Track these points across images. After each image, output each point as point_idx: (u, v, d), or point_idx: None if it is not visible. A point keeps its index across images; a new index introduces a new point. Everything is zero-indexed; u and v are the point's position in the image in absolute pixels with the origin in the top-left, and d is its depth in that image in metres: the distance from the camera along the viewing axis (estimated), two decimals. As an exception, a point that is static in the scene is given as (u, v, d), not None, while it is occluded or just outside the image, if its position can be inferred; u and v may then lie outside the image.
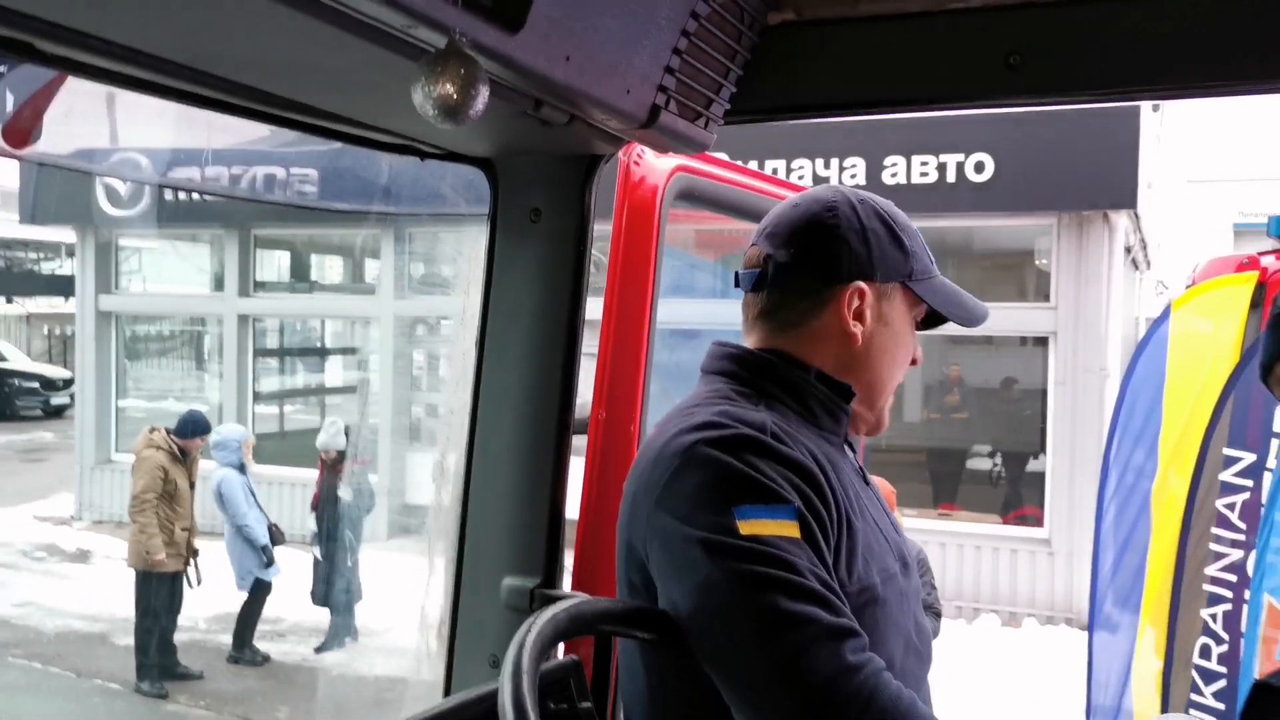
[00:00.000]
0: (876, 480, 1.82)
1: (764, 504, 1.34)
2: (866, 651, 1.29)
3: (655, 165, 2.05)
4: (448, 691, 1.91)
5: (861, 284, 1.54)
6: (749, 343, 1.61)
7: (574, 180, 1.83)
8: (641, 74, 1.49)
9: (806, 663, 1.25)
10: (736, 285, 1.64)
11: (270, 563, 8.86)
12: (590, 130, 1.58)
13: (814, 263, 1.55)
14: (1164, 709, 4.35)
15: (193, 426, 8.79)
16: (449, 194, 1.94)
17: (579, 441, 1.94)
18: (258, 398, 14.75)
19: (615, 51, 1.42)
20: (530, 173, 1.86)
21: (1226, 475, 4.25)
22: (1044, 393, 10.44)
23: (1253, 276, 4.38)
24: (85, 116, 1.53)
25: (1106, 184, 9.79)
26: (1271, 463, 4.08)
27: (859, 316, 1.55)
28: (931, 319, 1.67)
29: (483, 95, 1.07)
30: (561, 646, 1.65)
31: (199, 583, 8.67)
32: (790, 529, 1.34)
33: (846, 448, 1.61)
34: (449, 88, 1.05)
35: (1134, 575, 4.59)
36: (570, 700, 1.57)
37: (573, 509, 1.95)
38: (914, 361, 1.66)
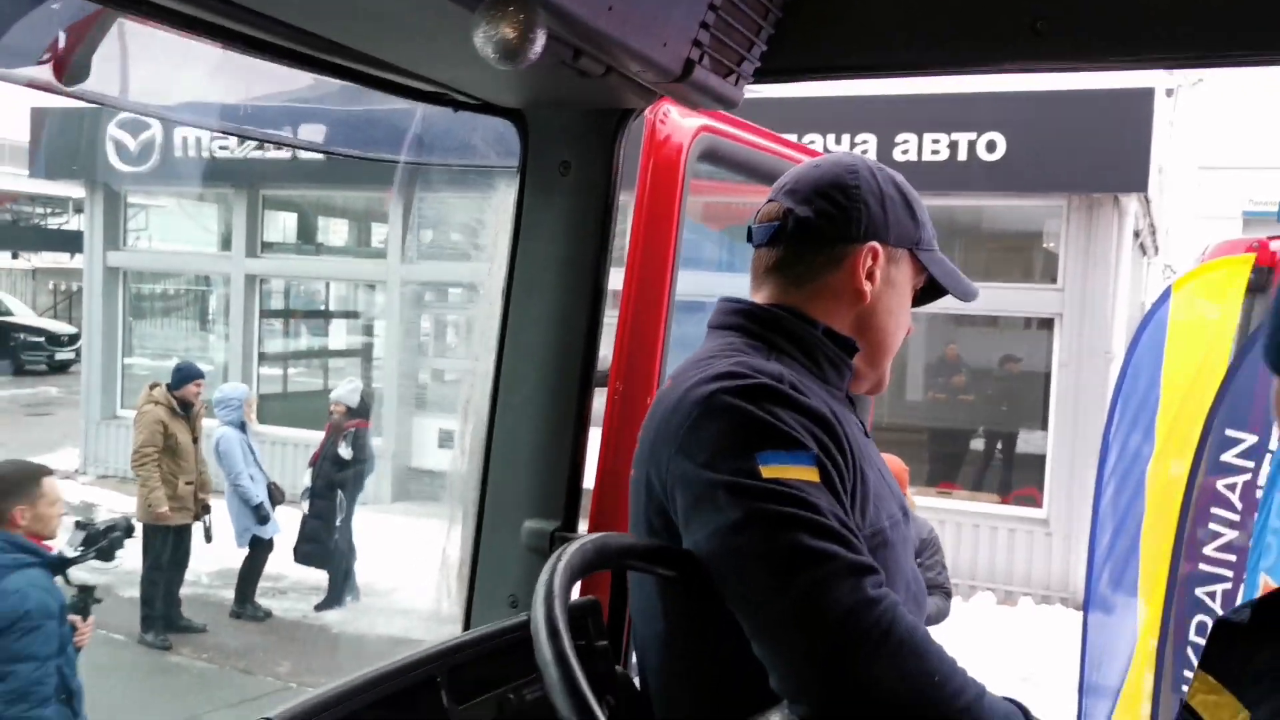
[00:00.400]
0: (888, 458, 1.87)
1: (785, 450, 1.38)
2: (884, 587, 1.33)
3: (681, 124, 2.07)
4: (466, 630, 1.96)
5: (876, 244, 1.60)
6: (757, 298, 1.66)
7: (604, 134, 1.86)
8: (678, 27, 1.52)
9: (829, 597, 1.29)
10: (749, 240, 1.68)
11: (265, 520, 8.93)
12: (624, 82, 1.61)
13: (834, 220, 1.60)
14: (1157, 686, 4.40)
15: (180, 375, 8.87)
16: (479, 145, 1.97)
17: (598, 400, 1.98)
18: (263, 358, 14.79)
19: (655, 3, 1.45)
20: (561, 125, 1.89)
21: (1228, 456, 4.28)
22: (1047, 374, 10.48)
23: (1250, 258, 4.40)
24: (137, 58, 1.56)
25: (1118, 167, 9.79)
26: (1273, 445, 4.12)
27: (870, 276, 1.60)
28: (924, 296, 1.74)
29: (540, 38, 1.10)
30: (577, 589, 1.69)
31: (211, 539, 8.77)
32: (810, 474, 1.38)
33: (849, 403, 1.66)
34: (509, 31, 1.08)
35: (1128, 555, 4.62)
36: (588, 638, 1.61)
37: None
38: (907, 331, 1.71)
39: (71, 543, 5.43)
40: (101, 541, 5.77)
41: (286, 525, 9.35)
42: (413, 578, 9.80)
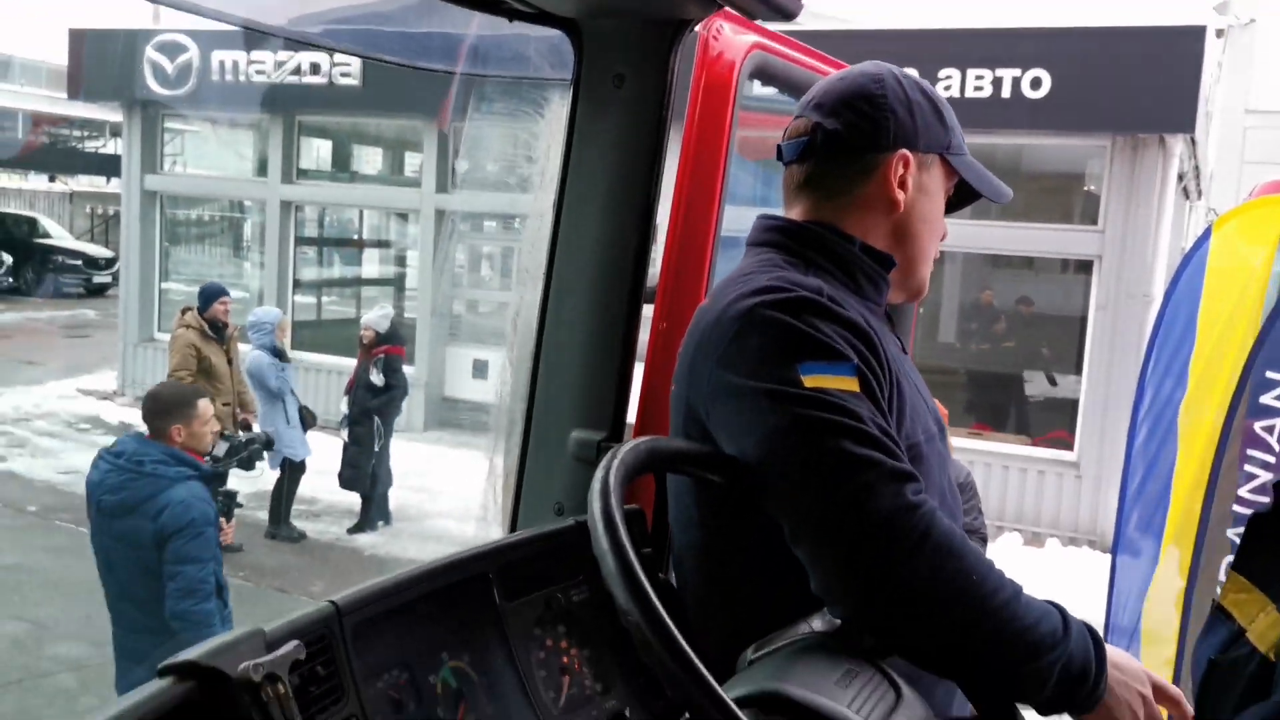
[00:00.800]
0: None
1: (826, 360, 1.40)
2: (923, 494, 1.35)
3: (733, 40, 2.05)
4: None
5: (906, 152, 1.60)
6: (791, 215, 1.66)
7: (659, 47, 1.85)
8: (741, -68, 1.51)
9: (870, 503, 1.31)
10: (779, 158, 1.67)
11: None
12: (684, -12, 1.60)
13: (862, 130, 1.59)
14: (1183, 627, 4.42)
15: (205, 296, 8.98)
16: (533, 57, 1.97)
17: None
18: (298, 286, 14.88)
19: (719, -93, 1.44)
20: (615, 37, 1.88)
21: (1267, 398, 4.25)
22: (1083, 318, 10.39)
23: None
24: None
25: (1165, 107, 9.59)
26: (1314, 387, 4.09)
27: (902, 184, 1.60)
28: (956, 202, 1.73)
29: None
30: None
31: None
32: (851, 383, 1.39)
33: (887, 320, 1.67)
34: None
35: (1158, 498, 4.62)
36: (633, 544, 1.64)
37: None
38: (942, 236, 1.71)
39: (215, 453, 5.80)
40: (243, 453, 6.18)
41: (323, 451, 9.49)
42: (444, 504, 9.95)
